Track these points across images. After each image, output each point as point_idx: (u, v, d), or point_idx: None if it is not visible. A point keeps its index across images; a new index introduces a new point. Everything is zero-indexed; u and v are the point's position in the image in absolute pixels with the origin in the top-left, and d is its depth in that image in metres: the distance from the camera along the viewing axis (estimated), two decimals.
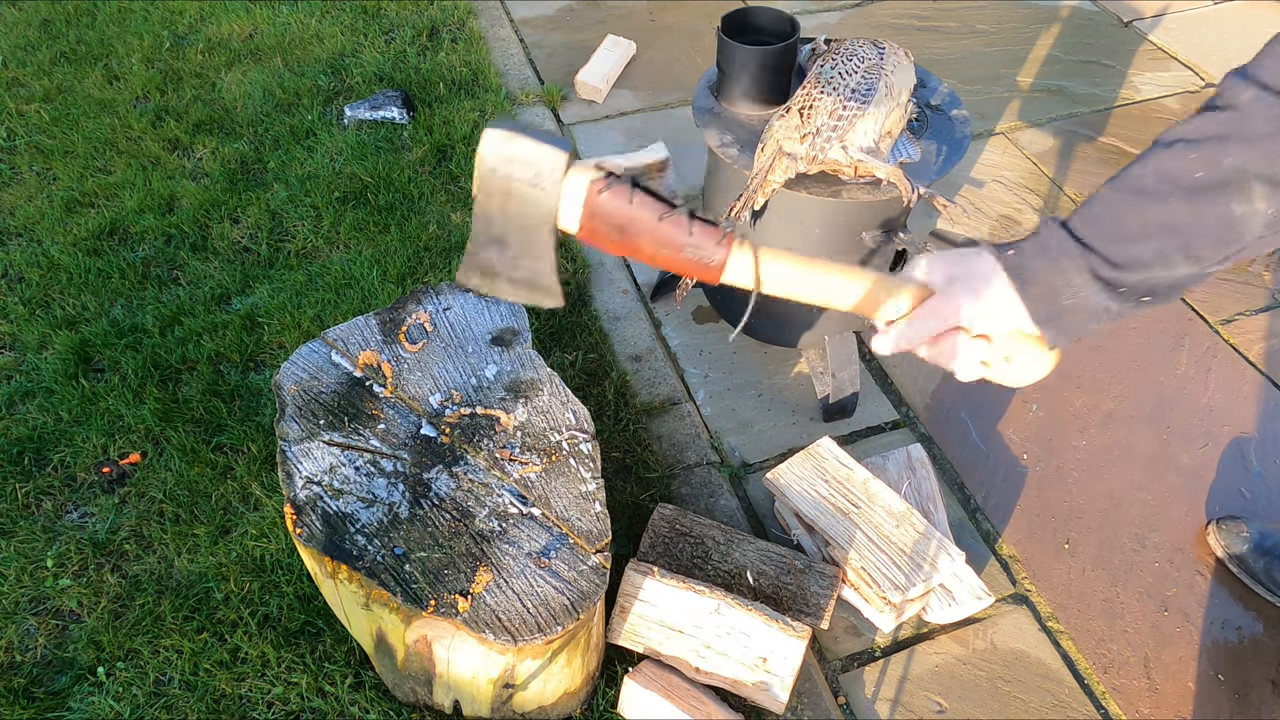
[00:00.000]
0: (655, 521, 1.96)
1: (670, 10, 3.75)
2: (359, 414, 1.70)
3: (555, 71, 3.42)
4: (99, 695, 1.79)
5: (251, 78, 3.34)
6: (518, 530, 1.56)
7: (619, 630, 1.78)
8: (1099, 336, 2.51)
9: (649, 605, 1.76)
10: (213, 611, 1.90)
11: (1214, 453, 2.26)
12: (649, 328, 2.52)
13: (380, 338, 1.82)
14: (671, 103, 3.29)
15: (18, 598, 1.94)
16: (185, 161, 3.03)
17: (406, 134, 3.10)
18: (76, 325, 2.48)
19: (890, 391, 2.39)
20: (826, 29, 3.64)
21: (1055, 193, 2.94)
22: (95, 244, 2.71)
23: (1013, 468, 2.23)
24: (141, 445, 2.21)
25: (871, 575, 1.83)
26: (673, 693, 1.69)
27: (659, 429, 2.27)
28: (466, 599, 1.46)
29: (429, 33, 3.60)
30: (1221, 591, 2.01)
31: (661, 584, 1.76)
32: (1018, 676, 1.87)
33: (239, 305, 2.54)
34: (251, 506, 2.08)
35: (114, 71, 3.38)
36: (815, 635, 1.92)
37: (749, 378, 2.42)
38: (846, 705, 1.83)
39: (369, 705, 1.75)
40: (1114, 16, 3.74)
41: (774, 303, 2.37)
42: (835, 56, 1.85)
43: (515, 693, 1.60)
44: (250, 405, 2.29)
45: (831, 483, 1.98)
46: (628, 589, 1.78)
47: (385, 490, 1.59)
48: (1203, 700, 1.85)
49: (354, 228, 2.75)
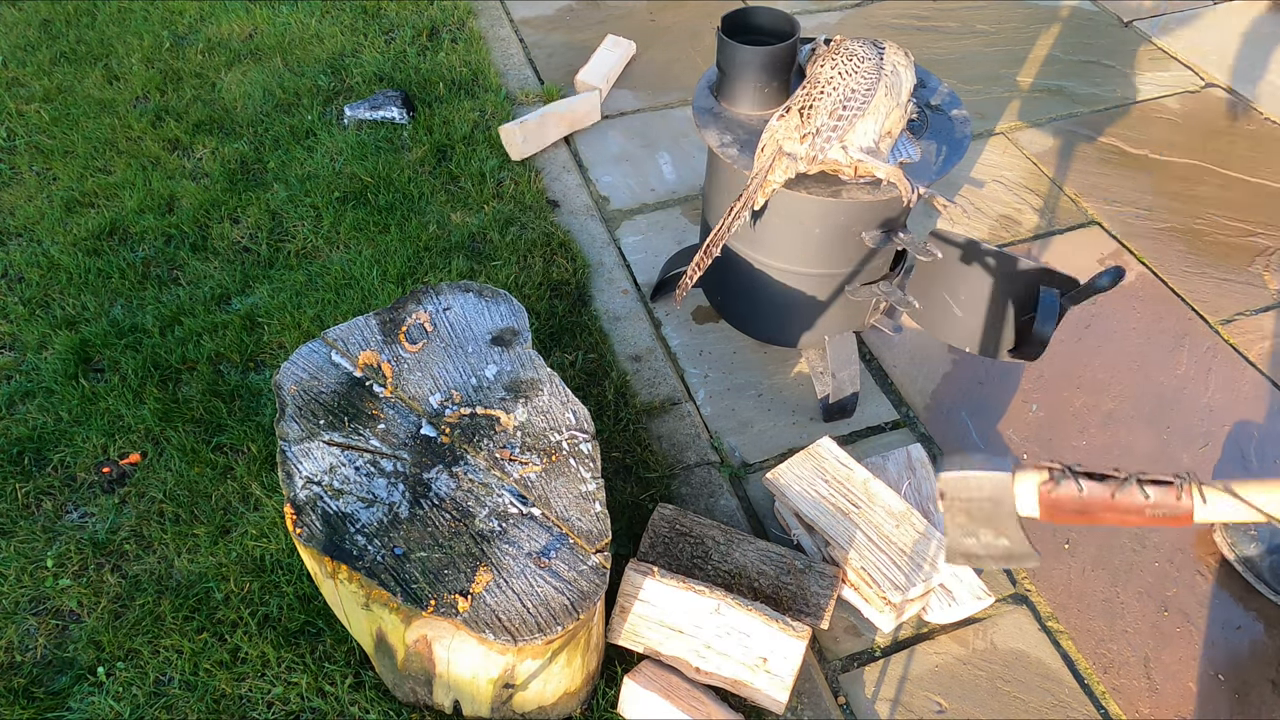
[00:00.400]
0: (655, 521, 1.96)
1: (670, 10, 3.75)
2: (359, 414, 1.70)
3: (555, 71, 3.42)
4: (99, 695, 1.79)
5: (251, 78, 3.34)
6: (518, 530, 1.56)
7: (619, 630, 1.78)
8: (1099, 336, 2.52)
9: (649, 605, 1.76)
10: (213, 611, 1.90)
11: (1214, 453, 2.26)
12: (649, 328, 2.52)
13: (380, 338, 1.82)
14: (671, 103, 3.29)
15: (18, 598, 1.94)
16: (185, 161, 3.03)
17: (406, 134, 3.10)
18: (76, 325, 2.48)
19: (890, 391, 2.39)
20: (826, 29, 3.64)
21: (1055, 193, 2.94)
22: (95, 244, 2.71)
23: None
24: (141, 445, 2.21)
25: (871, 575, 1.83)
26: (673, 693, 1.69)
27: (659, 429, 2.27)
28: (466, 599, 1.46)
29: (429, 33, 3.60)
30: (1222, 592, 2.01)
31: (661, 584, 1.76)
32: (1018, 676, 1.87)
33: (239, 305, 2.54)
34: (251, 506, 2.08)
35: (114, 71, 3.38)
36: (815, 635, 1.92)
37: (749, 378, 2.42)
38: (846, 705, 1.83)
39: (369, 705, 1.75)
40: (1114, 16, 3.74)
41: (773, 302, 2.37)
42: (835, 56, 1.85)
43: (515, 693, 1.60)
44: (250, 405, 2.29)
45: (831, 483, 1.98)
46: (628, 589, 1.78)
47: (385, 490, 1.59)
48: (1203, 700, 1.85)
49: (354, 228, 2.75)
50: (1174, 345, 2.50)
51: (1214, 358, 2.47)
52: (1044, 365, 2.43)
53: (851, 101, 1.80)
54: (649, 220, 2.85)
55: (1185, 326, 2.55)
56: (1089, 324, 2.54)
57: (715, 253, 1.99)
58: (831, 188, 1.91)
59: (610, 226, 2.83)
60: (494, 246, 2.69)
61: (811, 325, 2.25)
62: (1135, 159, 3.08)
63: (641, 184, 2.97)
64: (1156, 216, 2.87)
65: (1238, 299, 2.63)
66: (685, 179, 2.99)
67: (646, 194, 2.94)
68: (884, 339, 2.50)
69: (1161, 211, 2.88)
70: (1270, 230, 2.83)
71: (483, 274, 2.60)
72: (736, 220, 1.93)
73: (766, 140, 1.88)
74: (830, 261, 2.10)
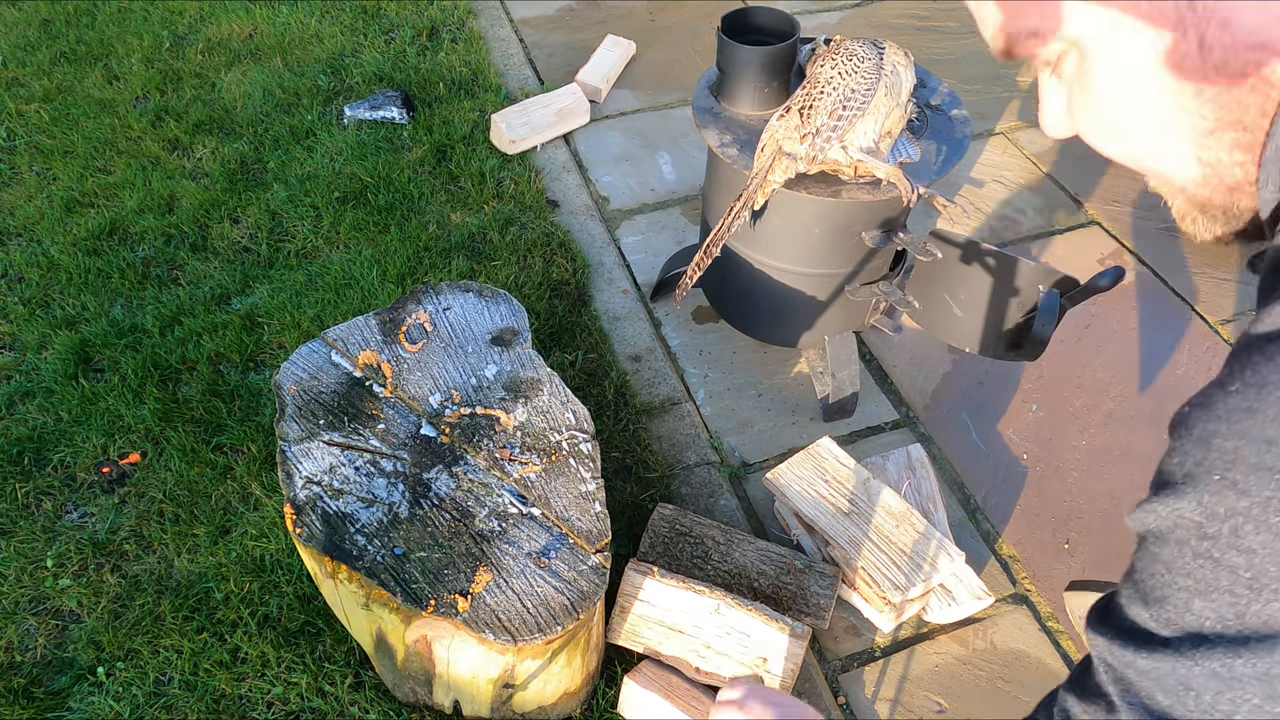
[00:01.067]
0: (655, 521, 1.96)
1: (670, 10, 3.75)
2: (359, 414, 1.70)
3: (555, 71, 3.42)
4: (99, 695, 1.79)
5: (251, 78, 3.34)
6: (518, 530, 1.56)
7: (619, 630, 1.78)
8: (1099, 336, 2.51)
9: (649, 605, 1.76)
10: (213, 611, 1.90)
11: None
12: (649, 328, 2.52)
13: (380, 338, 1.82)
14: (671, 103, 3.29)
15: (18, 598, 1.94)
16: (185, 161, 3.03)
17: (406, 134, 3.10)
18: (76, 325, 2.48)
19: (890, 391, 2.39)
20: (826, 29, 3.64)
21: (1055, 193, 2.94)
22: (95, 244, 2.71)
23: (1013, 468, 2.23)
24: (141, 445, 2.21)
25: (871, 575, 1.83)
26: (672, 693, 1.69)
27: (659, 429, 2.27)
28: (466, 599, 1.46)
29: (429, 33, 3.60)
30: None
31: (661, 584, 1.76)
32: (1018, 676, 1.87)
33: (239, 305, 2.54)
34: (251, 506, 2.07)
35: (114, 71, 3.38)
36: (815, 635, 1.92)
37: (749, 378, 2.42)
38: (846, 705, 1.83)
39: (369, 705, 1.74)
40: None
41: (773, 303, 2.37)
42: (835, 56, 1.85)
43: (515, 693, 1.60)
44: (250, 405, 2.29)
45: (831, 483, 1.97)
46: (627, 589, 1.78)
47: (385, 490, 1.59)
48: None
49: (354, 228, 2.75)
50: (1174, 345, 2.50)
51: (1214, 358, 2.47)
52: (1044, 365, 2.43)
53: (851, 101, 1.80)
54: (649, 220, 2.85)
55: (1185, 326, 2.55)
56: (1089, 324, 2.54)
57: (715, 253, 1.99)
58: (831, 188, 1.91)
59: (610, 226, 2.83)
60: (494, 246, 2.69)
61: (811, 325, 2.25)
62: None
63: (641, 184, 2.97)
64: (1156, 216, 2.87)
65: (1238, 299, 2.63)
66: (685, 179, 2.99)
67: (646, 194, 2.94)
68: (884, 339, 2.50)
69: (1162, 211, 2.88)
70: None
71: (483, 274, 2.60)
72: (736, 220, 1.93)
73: (766, 140, 1.88)
74: (830, 261, 2.10)
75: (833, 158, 1.84)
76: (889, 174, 1.84)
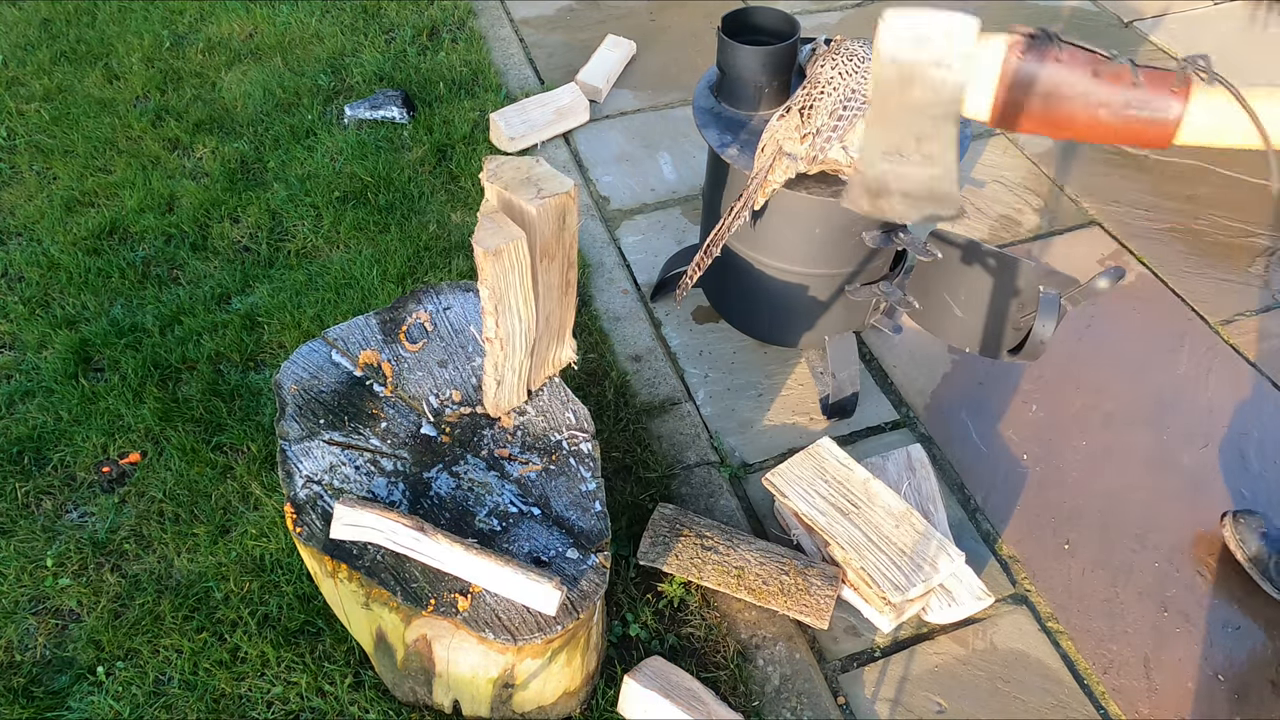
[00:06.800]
0: (655, 521, 1.96)
1: (670, 10, 3.75)
2: (359, 413, 1.70)
3: (555, 71, 3.42)
4: (99, 695, 1.79)
5: (251, 77, 3.34)
6: (518, 530, 1.56)
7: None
8: (1099, 336, 2.51)
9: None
10: (212, 611, 1.90)
11: (1214, 453, 2.26)
12: (649, 328, 2.52)
13: (380, 337, 1.82)
14: (671, 103, 3.29)
15: (18, 597, 1.94)
16: (185, 161, 3.03)
17: (406, 134, 3.10)
18: (76, 325, 2.48)
19: (890, 391, 2.39)
20: (826, 29, 3.64)
21: (1055, 193, 2.94)
22: (95, 244, 2.71)
23: (1013, 468, 2.23)
24: (141, 445, 2.21)
25: (871, 575, 1.83)
26: (673, 693, 1.69)
27: (659, 429, 2.27)
28: (466, 598, 1.46)
29: (429, 32, 3.60)
30: (1221, 592, 2.01)
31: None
32: (1018, 676, 1.87)
33: (239, 305, 2.54)
34: (251, 506, 2.07)
35: (114, 71, 3.38)
36: (815, 635, 1.92)
37: (749, 378, 2.42)
38: (846, 705, 1.83)
39: (369, 705, 1.75)
40: (1114, 16, 3.74)
41: (773, 303, 2.37)
42: (835, 56, 1.84)
43: (515, 692, 1.60)
44: (250, 405, 2.29)
45: (831, 483, 1.97)
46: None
47: (385, 489, 1.59)
48: (1202, 700, 1.85)
49: (354, 227, 2.75)
50: (1174, 345, 2.50)
51: (1214, 358, 2.47)
52: (1044, 365, 2.43)
53: (852, 102, 1.80)
54: (649, 220, 2.85)
55: (1185, 327, 2.55)
56: (1089, 324, 2.54)
57: (715, 253, 1.99)
58: (831, 188, 1.91)
59: (610, 226, 2.83)
60: None
61: (811, 325, 2.25)
62: (1135, 159, 3.08)
63: (641, 184, 2.97)
64: (1156, 216, 2.87)
65: (1238, 299, 2.63)
66: (685, 179, 2.99)
67: (646, 194, 2.94)
68: (884, 339, 2.50)
69: (1161, 211, 2.88)
70: (1270, 230, 2.83)
71: None
72: (736, 220, 1.93)
73: (767, 140, 1.88)
74: (830, 261, 2.10)
75: (833, 158, 1.84)
76: None
